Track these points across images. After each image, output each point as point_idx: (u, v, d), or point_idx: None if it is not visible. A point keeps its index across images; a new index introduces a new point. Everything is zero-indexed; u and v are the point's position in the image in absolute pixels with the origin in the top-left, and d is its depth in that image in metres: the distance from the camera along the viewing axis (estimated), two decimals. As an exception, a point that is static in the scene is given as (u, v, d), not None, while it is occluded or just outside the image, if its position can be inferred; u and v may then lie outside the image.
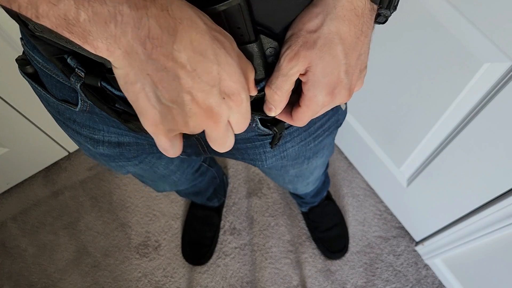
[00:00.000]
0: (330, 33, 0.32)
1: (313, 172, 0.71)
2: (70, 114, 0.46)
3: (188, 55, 0.25)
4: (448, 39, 0.70)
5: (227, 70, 0.27)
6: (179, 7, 0.25)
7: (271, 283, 1.21)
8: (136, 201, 1.36)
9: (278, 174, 0.67)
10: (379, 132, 1.11)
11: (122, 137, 0.49)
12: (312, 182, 0.81)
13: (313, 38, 0.32)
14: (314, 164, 0.64)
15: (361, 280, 1.20)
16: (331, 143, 0.64)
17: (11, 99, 1.09)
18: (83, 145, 0.52)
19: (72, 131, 0.50)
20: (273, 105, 0.36)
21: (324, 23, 0.32)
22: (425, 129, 0.90)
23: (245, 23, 0.30)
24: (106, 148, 0.50)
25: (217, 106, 0.27)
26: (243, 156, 0.54)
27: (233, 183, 1.37)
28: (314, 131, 0.52)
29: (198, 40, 0.25)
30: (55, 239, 1.31)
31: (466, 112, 0.78)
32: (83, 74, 0.36)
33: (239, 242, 1.27)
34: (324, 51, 0.33)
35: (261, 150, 0.51)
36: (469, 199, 0.89)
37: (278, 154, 0.53)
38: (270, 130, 0.45)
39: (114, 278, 1.24)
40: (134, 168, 0.59)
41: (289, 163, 0.59)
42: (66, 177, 1.41)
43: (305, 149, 0.55)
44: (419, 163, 1.01)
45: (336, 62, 0.33)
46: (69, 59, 0.36)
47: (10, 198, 1.38)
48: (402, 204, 1.21)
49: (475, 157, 0.81)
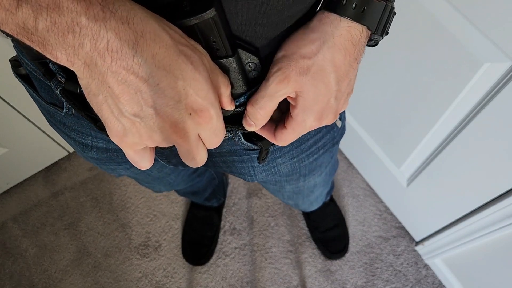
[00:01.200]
0: (324, 61, 0.32)
1: (313, 190, 0.69)
2: (60, 117, 0.46)
3: (150, 70, 0.25)
4: (448, 39, 0.70)
5: (193, 86, 0.26)
6: (142, 20, 0.24)
7: (271, 283, 1.21)
8: (137, 201, 1.36)
9: (275, 189, 0.66)
10: (379, 132, 1.11)
11: (109, 143, 0.48)
12: (316, 201, 0.79)
13: (307, 64, 0.32)
14: (312, 181, 0.62)
15: (361, 280, 1.20)
16: (330, 161, 0.61)
17: (11, 99, 1.10)
18: (75, 147, 0.52)
19: (63, 134, 0.50)
20: (254, 122, 0.35)
21: (320, 51, 0.32)
22: (425, 129, 0.90)
23: (220, 37, 0.29)
24: (95, 153, 0.50)
25: (182, 122, 0.27)
26: (230, 169, 0.52)
27: (233, 183, 1.37)
28: (307, 148, 0.50)
29: (162, 54, 0.25)
30: (56, 240, 1.31)
31: (466, 112, 0.78)
32: (63, 79, 0.35)
33: (239, 242, 1.27)
34: (317, 79, 0.32)
35: (248, 164, 0.50)
36: (469, 199, 0.89)
37: (269, 170, 0.52)
38: (256, 145, 0.43)
39: (115, 278, 1.24)
40: (125, 171, 0.58)
41: (282, 179, 0.57)
42: (66, 178, 1.41)
43: (299, 166, 0.53)
44: (419, 163, 1.01)
45: (328, 90, 0.33)
46: (51, 64, 0.36)
47: (10, 198, 1.38)
48: (402, 204, 1.21)
49: (475, 157, 0.81)
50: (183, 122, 0.27)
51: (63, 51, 0.23)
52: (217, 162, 0.51)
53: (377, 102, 1.02)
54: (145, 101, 0.26)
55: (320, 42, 0.32)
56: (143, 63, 0.24)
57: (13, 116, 1.14)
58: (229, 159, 0.49)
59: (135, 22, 0.24)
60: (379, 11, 0.32)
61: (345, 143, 1.36)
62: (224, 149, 0.47)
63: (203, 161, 0.31)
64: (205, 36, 0.29)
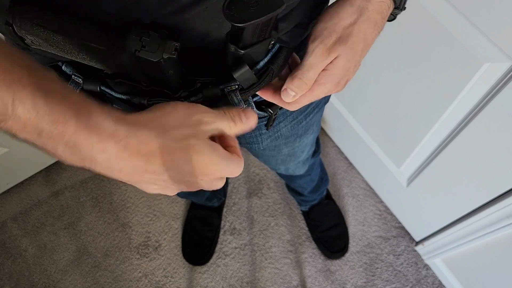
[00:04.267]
0: (359, 32, 0.35)
1: (303, 150, 0.72)
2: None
3: (162, 172, 0.29)
4: (448, 39, 0.70)
5: (198, 168, 0.31)
6: (148, 144, 0.28)
7: (271, 283, 1.21)
8: (137, 201, 1.36)
9: (271, 155, 0.68)
10: (379, 132, 1.11)
11: None
12: (303, 161, 0.81)
13: (346, 33, 0.35)
14: (304, 141, 0.65)
15: (361, 280, 1.20)
16: (319, 120, 0.66)
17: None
18: None
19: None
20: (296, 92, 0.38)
21: (357, 22, 0.35)
22: (425, 129, 0.90)
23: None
24: None
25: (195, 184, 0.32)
26: (239, 140, 0.56)
27: (233, 183, 1.37)
28: (305, 109, 0.54)
29: (169, 161, 0.29)
30: (56, 239, 1.31)
31: (466, 112, 0.78)
32: (81, 80, 0.36)
33: (239, 242, 1.27)
34: (352, 48, 0.35)
35: (257, 132, 0.54)
36: (469, 199, 0.89)
37: (273, 135, 0.55)
38: (266, 112, 0.46)
39: (115, 278, 1.24)
40: None
41: (282, 142, 0.60)
42: (67, 177, 1.41)
43: (298, 127, 0.57)
44: (419, 163, 1.01)
45: (355, 59, 0.36)
46: (64, 66, 0.37)
47: (11, 198, 1.38)
48: (402, 204, 1.21)
49: (475, 157, 0.81)
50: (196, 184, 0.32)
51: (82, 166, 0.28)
52: None
53: (377, 102, 1.02)
54: (161, 185, 0.31)
55: (357, 15, 0.35)
56: (156, 169, 0.29)
57: (13, 116, 1.14)
58: None
59: (143, 148, 0.28)
60: None
61: (345, 143, 1.36)
62: None
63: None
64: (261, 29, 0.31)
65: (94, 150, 0.27)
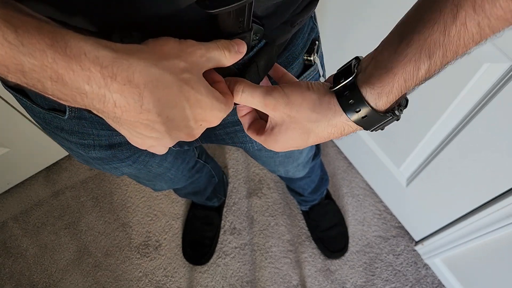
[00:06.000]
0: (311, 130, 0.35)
1: (301, 151, 0.72)
2: (58, 122, 0.46)
3: (159, 110, 0.28)
4: (448, 39, 0.70)
5: (199, 106, 0.30)
6: (141, 72, 0.26)
7: (271, 282, 1.21)
8: (137, 201, 1.36)
9: (268, 156, 0.68)
10: (378, 132, 1.11)
11: (113, 138, 0.49)
12: (303, 164, 0.81)
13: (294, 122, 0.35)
14: None
15: (361, 280, 1.21)
16: None
17: (11, 99, 1.10)
18: (75, 151, 0.52)
19: (61, 139, 0.50)
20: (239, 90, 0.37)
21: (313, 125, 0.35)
22: (425, 129, 0.90)
23: (248, 17, 0.32)
24: (98, 151, 0.50)
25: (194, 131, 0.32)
26: (233, 140, 0.56)
27: (233, 183, 1.37)
28: None
29: (166, 96, 0.28)
30: (56, 239, 1.31)
31: (465, 112, 0.78)
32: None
33: (239, 242, 1.28)
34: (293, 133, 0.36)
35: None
36: (468, 198, 0.90)
37: None
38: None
39: (115, 278, 1.24)
40: (128, 169, 0.59)
41: None
42: (67, 177, 1.41)
43: None
44: (419, 163, 1.01)
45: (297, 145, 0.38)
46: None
47: (11, 198, 1.38)
48: (402, 204, 1.21)
49: (475, 156, 0.81)
50: (195, 130, 0.32)
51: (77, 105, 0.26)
52: (220, 135, 0.55)
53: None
54: (160, 130, 0.30)
55: (317, 119, 0.35)
56: (152, 107, 0.27)
57: (14, 116, 1.14)
58: (231, 129, 0.53)
59: (136, 78, 0.26)
60: (380, 121, 0.35)
61: (344, 143, 1.36)
62: (228, 120, 0.50)
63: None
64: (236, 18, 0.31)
65: (79, 80, 0.24)
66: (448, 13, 0.28)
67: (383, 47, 0.33)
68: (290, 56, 0.46)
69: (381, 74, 0.32)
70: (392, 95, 0.32)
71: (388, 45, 0.32)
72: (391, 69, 0.31)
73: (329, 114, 0.34)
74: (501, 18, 0.26)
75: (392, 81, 0.31)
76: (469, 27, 0.27)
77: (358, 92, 0.33)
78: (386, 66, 0.31)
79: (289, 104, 0.34)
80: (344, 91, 0.33)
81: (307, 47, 0.48)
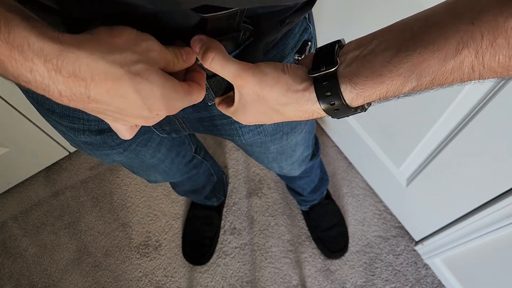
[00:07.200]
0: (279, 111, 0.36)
1: (294, 149, 0.71)
2: (50, 104, 0.47)
3: (109, 101, 0.27)
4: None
5: (153, 97, 0.29)
6: (89, 65, 0.25)
7: (271, 282, 1.21)
8: (137, 201, 1.36)
9: (260, 151, 0.68)
10: (378, 132, 1.11)
11: (102, 123, 0.49)
12: (298, 162, 0.81)
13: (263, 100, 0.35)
14: (294, 139, 0.65)
15: (361, 280, 1.21)
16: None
17: (11, 99, 1.10)
18: (67, 135, 0.53)
19: (53, 121, 0.51)
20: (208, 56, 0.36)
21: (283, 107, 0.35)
22: (425, 129, 0.90)
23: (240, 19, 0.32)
24: (88, 136, 0.51)
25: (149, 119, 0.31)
26: (220, 132, 0.56)
27: (233, 183, 1.37)
28: None
29: (115, 88, 0.27)
30: (56, 239, 1.31)
31: (465, 112, 0.78)
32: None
33: (239, 241, 1.28)
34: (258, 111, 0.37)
35: (237, 125, 0.54)
36: (468, 198, 0.90)
37: (255, 129, 0.56)
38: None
39: (115, 278, 1.24)
40: (119, 156, 0.59)
41: (267, 138, 0.60)
42: (67, 177, 1.41)
43: (281, 124, 0.57)
44: (419, 163, 1.01)
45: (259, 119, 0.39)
46: None
47: (11, 198, 1.38)
48: (402, 204, 1.21)
49: (474, 156, 0.81)
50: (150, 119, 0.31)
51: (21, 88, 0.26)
52: (208, 126, 0.55)
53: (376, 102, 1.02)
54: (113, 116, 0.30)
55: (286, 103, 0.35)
56: (100, 98, 0.27)
57: (14, 116, 1.14)
58: (219, 122, 0.53)
59: (83, 71, 0.25)
60: (349, 113, 0.35)
61: (344, 143, 1.36)
62: (215, 112, 0.51)
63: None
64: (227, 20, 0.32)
65: (22, 70, 0.24)
66: (452, 46, 0.27)
67: (377, 47, 0.32)
68: (278, 55, 0.46)
69: (366, 78, 0.31)
70: (369, 99, 0.33)
71: (383, 49, 0.31)
72: (379, 77, 0.31)
73: (301, 100, 0.34)
74: (492, 69, 0.27)
75: (376, 88, 0.31)
76: (464, 67, 0.28)
77: (337, 86, 0.32)
78: (374, 72, 0.31)
79: (261, 83, 0.34)
80: (322, 80, 0.33)
81: (297, 47, 0.48)
